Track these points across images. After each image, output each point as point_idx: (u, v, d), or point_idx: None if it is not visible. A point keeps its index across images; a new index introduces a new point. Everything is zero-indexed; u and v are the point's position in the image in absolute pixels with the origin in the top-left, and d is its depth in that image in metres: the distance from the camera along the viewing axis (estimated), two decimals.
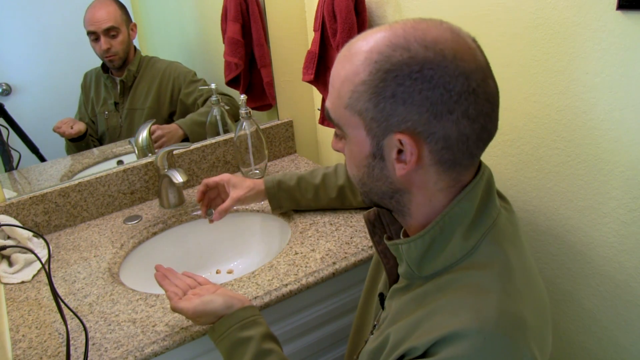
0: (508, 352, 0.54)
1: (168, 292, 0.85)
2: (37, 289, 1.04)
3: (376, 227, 0.73)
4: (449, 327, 0.55)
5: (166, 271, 0.91)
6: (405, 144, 0.57)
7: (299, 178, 1.14)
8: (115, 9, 1.27)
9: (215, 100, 1.40)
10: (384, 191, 0.63)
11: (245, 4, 1.36)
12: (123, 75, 1.32)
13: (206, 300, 0.80)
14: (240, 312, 0.80)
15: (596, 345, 0.95)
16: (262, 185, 1.13)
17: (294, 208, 1.18)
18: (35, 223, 1.22)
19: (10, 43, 1.18)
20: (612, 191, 0.84)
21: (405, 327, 0.60)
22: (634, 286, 0.86)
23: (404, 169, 0.58)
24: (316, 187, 1.13)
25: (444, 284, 0.61)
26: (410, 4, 1.10)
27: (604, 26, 0.78)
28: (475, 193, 0.61)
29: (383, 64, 0.55)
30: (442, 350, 0.54)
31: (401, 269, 0.66)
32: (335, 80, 0.60)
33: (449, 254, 0.61)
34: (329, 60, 1.24)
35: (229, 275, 1.24)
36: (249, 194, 1.11)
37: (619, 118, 0.80)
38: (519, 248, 0.64)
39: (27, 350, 0.87)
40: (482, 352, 0.53)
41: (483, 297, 0.57)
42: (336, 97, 0.60)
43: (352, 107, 0.58)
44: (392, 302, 0.68)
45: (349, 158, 0.64)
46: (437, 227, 0.61)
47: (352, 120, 0.59)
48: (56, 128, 1.28)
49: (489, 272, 0.59)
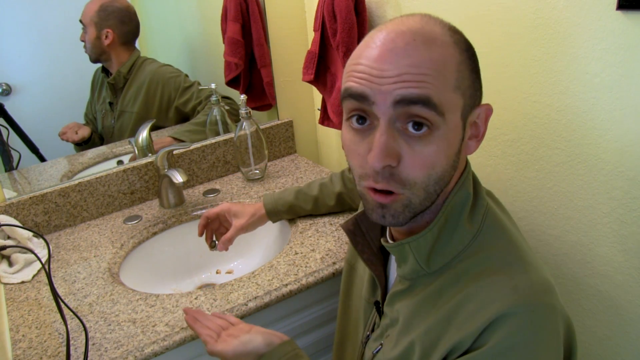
0: (552, 315, 0.57)
1: (202, 335, 0.81)
2: (37, 289, 1.04)
3: (357, 236, 0.72)
4: (494, 311, 0.55)
5: (196, 313, 0.87)
6: (481, 114, 0.61)
7: (296, 192, 1.13)
8: (93, 7, 1.25)
9: (215, 100, 1.40)
10: (447, 182, 0.60)
11: (245, 4, 1.36)
12: (112, 76, 1.32)
13: (245, 341, 0.76)
14: (281, 347, 0.76)
15: (596, 345, 0.95)
16: (263, 209, 1.11)
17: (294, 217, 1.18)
18: (35, 223, 1.22)
19: (10, 42, 1.18)
20: (612, 191, 0.84)
21: (434, 328, 0.60)
22: (634, 286, 0.85)
23: (479, 142, 0.63)
24: (315, 199, 1.13)
25: (459, 274, 0.61)
26: (410, 4, 1.10)
27: (604, 26, 0.78)
28: (469, 179, 0.64)
29: (461, 44, 0.59)
30: (495, 334, 0.55)
31: (404, 270, 0.65)
32: (430, 65, 0.55)
33: (457, 242, 0.62)
34: (329, 60, 1.24)
35: (229, 275, 1.24)
36: (252, 221, 1.09)
37: (619, 118, 0.80)
38: (512, 223, 0.68)
39: (27, 350, 0.87)
40: (533, 324, 0.55)
41: (510, 273, 0.58)
42: (442, 81, 0.55)
43: (459, 88, 0.57)
44: (395, 307, 0.67)
45: (441, 151, 0.57)
46: (443, 217, 0.61)
47: (456, 103, 0.57)
48: (61, 134, 1.29)
49: (500, 249, 0.61)
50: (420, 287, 0.64)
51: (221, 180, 1.43)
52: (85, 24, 1.26)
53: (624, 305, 0.88)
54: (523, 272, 0.59)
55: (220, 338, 0.80)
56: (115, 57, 1.31)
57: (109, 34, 1.28)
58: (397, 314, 0.66)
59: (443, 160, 0.57)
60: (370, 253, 0.72)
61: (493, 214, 0.65)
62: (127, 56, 1.32)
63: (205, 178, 1.42)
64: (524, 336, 0.55)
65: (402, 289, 0.66)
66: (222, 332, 0.81)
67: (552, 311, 0.57)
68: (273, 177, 1.41)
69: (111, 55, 1.31)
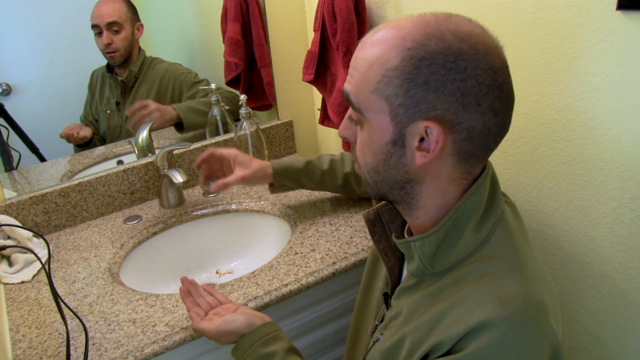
0: (536, 335, 0.56)
1: (190, 312, 0.86)
2: (37, 289, 1.04)
3: (376, 226, 0.74)
4: (476, 318, 0.55)
5: (190, 286, 0.91)
6: (432, 132, 0.57)
7: (307, 162, 1.13)
8: (121, 5, 1.27)
9: (215, 100, 1.40)
10: (396, 180, 0.63)
11: (245, 4, 1.36)
12: (124, 75, 1.32)
13: (228, 320, 0.81)
14: (262, 328, 0.80)
15: (596, 345, 0.95)
16: (270, 169, 1.11)
17: (295, 188, 1.17)
18: (35, 223, 1.21)
19: (10, 43, 1.18)
20: (612, 191, 0.84)
21: (424, 324, 0.60)
22: (634, 286, 0.85)
23: (426, 157, 0.59)
24: (323, 173, 1.13)
25: (460, 277, 0.61)
26: (410, 4, 1.10)
27: (604, 26, 0.78)
28: (484, 186, 0.63)
29: (417, 52, 0.56)
30: (472, 342, 0.55)
31: (411, 267, 0.66)
32: (361, 64, 0.60)
33: (462, 248, 0.62)
34: (329, 60, 1.24)
35: (229, 276, 1.24)
36: (256, 176, 1.09)
37: (619, 118, 0.80)
38: (525, 237, 0.66)
39: (27, 350, 0.87)
40: (513, 339, 0.54)
41: (503, 285, 0.58)
42: (361, 80, 0.59)
43: (379, 92, 0.58)
44: (401, 301, 0.68)
45: (365, 144, 0.63)
46: (451, 221, 0.61)
47: (377, 105, 0.59)
48: (63, 134, 1.29)
49: (503, 260, 0.61)
50: (425, 285, 0.65)
51: None
52: (121, 23, 1.26)
53: (624, 305, 0.88)
54: (517, 286, 0.58)
55: (207, 317, 0.84)
56: (135, 54, 1.32)
57: (140, 27, 1.30)
58: (401, 308, 0.67)
59: (369, 156, 0.63)
60: (386, 245, 0.73)
61: (505, 225, 0.64)
62: (137, 54, 1.32)
63: None
64: (500, 350, 0.54)
65: (410, 285, 0.67)
66: (210, 311, 0.86)
67: (537, 332, 0.56)
68: None
69: (133, 52, 1.31)
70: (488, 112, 0.57)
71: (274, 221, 1.25)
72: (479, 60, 0.56)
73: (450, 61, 0.55)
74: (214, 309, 0.86)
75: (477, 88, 0.56)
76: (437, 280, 0.63)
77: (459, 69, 0.55)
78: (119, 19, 1.26)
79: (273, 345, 0.78)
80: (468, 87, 0.55)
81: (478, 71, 0.55)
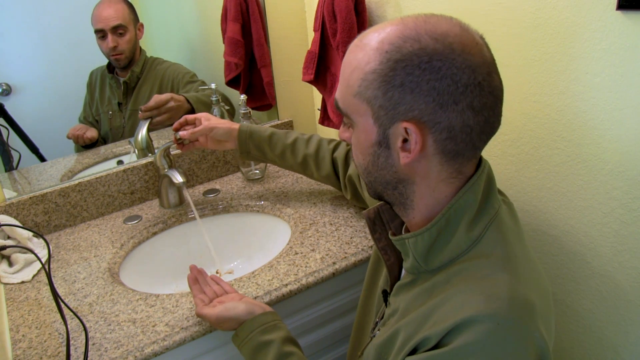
0: (520, 335, 0.56)
1: (195, 298, 0.90)
2: (37, 289, 1.04)
3: (376, 225, 0.74)
4: (461, 315, 0.56)
5: (198, 274, 0.95)
6: (411, 133, 0.58)
7: (272, 132, 1.16)
8: (123, 7, 1.27)
9: (216, 100, 1.40)
10: (387, 181, 0.64)
11: (245, 4, 1.36)
12: (127, 76, 1.32)
13: (229, 307, 0.83)
14: (262, 317, 0.82)
15: (596, 345, 0.95)
16: (237, 130, 1.15)
17: (261, 160, 1.20)
18: (35, 223, 1.22)
19: (10, 43, 1.18)
20: (612, 191, 0.84)
21: (416, 319, 0.61)
22: (634, 286, 0.86)
23: (408, 158, 0.59)
24: (284, 147, 1.15)
25: (451, 275, 0.61)
26: (410, 3, 1.10)
27: (604, 26, 0.78)
28: (479, 185, 0.63)
29: (393, 54, 0.57)
30: (457, 337, 0.55)
31: (407, 264, 0.67)
32: (346, 69, 0.62)
33: (455, 246, 0.62)
34: (329, 60, 1.24)
35: (229, 275, 1.24)
36: (222, 127, 1.13)
37: (619, 118, 0.80)
38: (520, 238, 0.66)
39: (27, 350, 0.87)
40: (496, 337, 0.55)
41: (492, 283, 0.58)
42: (345, 85, 0.62)
43: (361, 95, 0.60)
44: (398, 299, 0.69)
45: (356, 146, 0.65)
46: (443, 219, 0.62)
47: (360, 108, 0.60)
48: (71, 135, 1.30)
49: (494, 259, 0.61)
50: (420, 282, 0.65)
51: (221, 180, 1.43)
52: (126, 25, 1.27)
53: (624, 305, 0.88)
54: (505, 285, 0.58)
55: (211, 304, 0.87)
56: (137, 55, 1.32)
57: (141, 27, 1.31)
58: (398, 305, 0.68)
59: (360, 157, 0.65)
60: (386, 243, 0.74)
61: (499, 224, 0.64)
62: (139, 55, 1.33)
63: (205, 178, 1.42)
64: (483, 346, 0.54)
65: (407, 282, 0.68)
66: (215, 299, 0.89)
67: (521, 331, 0.56)
68: (273, 177, 1.41)
69: (136, 52, 1.31)
70: (467, 110, 0.57)
71: (274, 221, 1.25)
72: (454, 59, 0.56)
73: (424, 62, 0.56)
74: (219, 297, 0.89)
75: (454, 87, 0.56)
76: (431, 277, 0.64)
77: (434, 69, 0.56)
78: (123, 22, 1.26)
79: (271, 334, 0.80)
80: (444, 86, 0.56)
81: (454, 70, 0.56)
